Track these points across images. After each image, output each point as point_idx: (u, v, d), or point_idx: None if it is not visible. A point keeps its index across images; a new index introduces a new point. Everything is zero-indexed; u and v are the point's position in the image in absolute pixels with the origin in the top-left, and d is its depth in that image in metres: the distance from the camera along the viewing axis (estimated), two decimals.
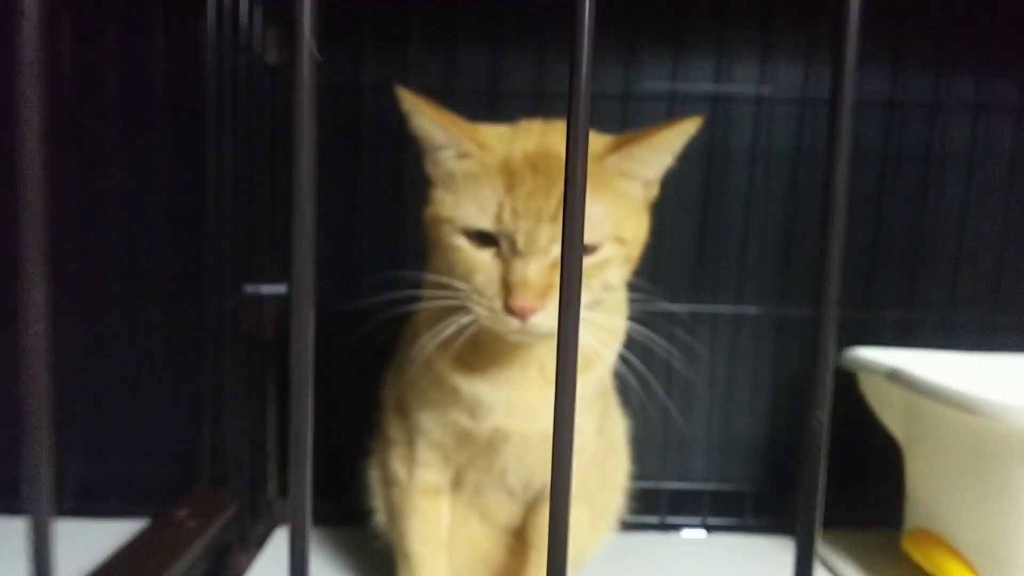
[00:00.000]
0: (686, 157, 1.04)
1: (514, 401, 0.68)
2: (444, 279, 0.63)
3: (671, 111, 1.06)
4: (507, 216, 0.59)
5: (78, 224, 1.00)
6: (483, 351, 0.68)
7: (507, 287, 0.59)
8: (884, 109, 1.07)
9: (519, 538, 0.79)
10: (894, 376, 0.89)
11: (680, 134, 0.63)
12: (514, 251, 0.60)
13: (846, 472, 1.05)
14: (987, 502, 0.79)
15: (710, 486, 1.10)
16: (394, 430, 0.77)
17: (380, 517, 0.83)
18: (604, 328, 0.68)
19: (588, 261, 0.61)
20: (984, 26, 1.05)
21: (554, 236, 0.58)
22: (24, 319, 0.34)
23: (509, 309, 0.59)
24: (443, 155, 0.65)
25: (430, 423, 0.72)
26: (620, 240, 0.63)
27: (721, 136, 1.07)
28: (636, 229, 0.65)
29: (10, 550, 0.85)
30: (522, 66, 1.06)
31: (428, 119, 0.64)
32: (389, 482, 0.79)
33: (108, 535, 0.92)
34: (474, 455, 0.73)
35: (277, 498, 1.05)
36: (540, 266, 0.59)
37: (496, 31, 1.05)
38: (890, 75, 1.07)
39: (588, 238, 0.59)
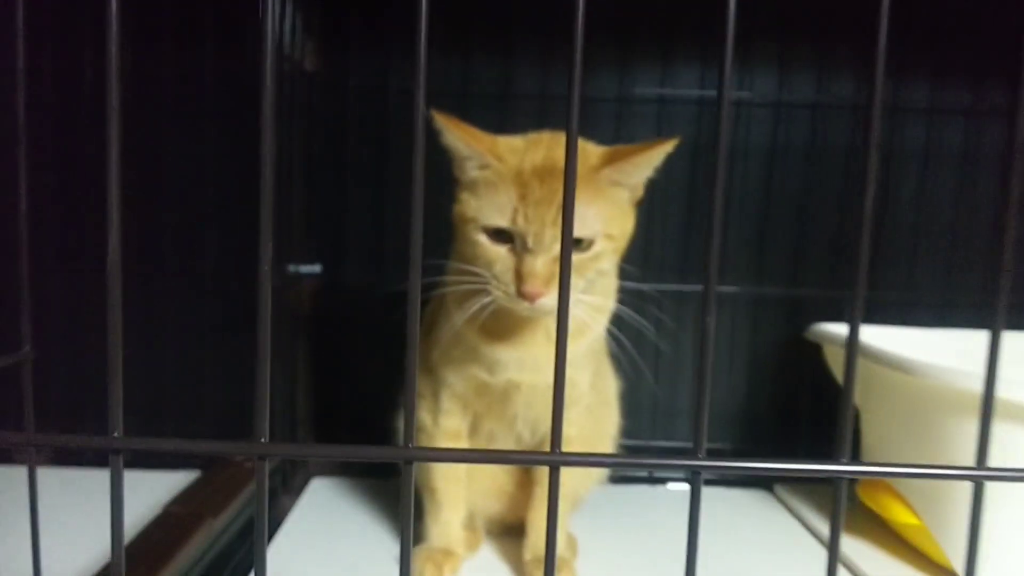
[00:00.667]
0: (675, 155, 1.18)
1: (524, 358, 0.83)
2: (468, 267, 0.78)
3: (661, 113, 1.20)
4: (520, 220, 0.74)
5: (141, 213, 1.14)
6: (500, 320, 0.82)
7: (519, 276, 0.74)
8: (850, 112, 1.21)
9: (526, 475, 0.94)
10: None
11: (660, 152, 0.76)
12: (525, 248, 0.74)
13: (813, 432, 1.20)
14: (924, 450, 0.93)
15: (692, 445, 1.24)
16: (420, 385, 0.91)
17: None
18: (591, 305, 0.82)
19: (584, 255, 0.76)
20: (939, 35, 1.19)
21: (555, 236, 0.73)
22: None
23: (521, 294, 0.73)
24: (468, 164, 0.79)
25: (454, 378, 0.87)
26: (610, 236, 0.77)
27: (705, 136, 1.21)
28: (623, 226, 0.79)
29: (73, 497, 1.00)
30: (530, 72, 1.20)
31: (455, 136, 0.77)
32: (417, 429, 0.93)
33: (167, 482, 1.07)
34: (490, 404, 0.88)
35: None
36: (545, 260, 0.73)
37: (505, 42, 1.19)
38: (855, 81, 1.21)
39: (583, 235, 0.75)
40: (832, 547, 0.37)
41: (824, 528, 1.04)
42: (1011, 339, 1.03)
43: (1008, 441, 0.80)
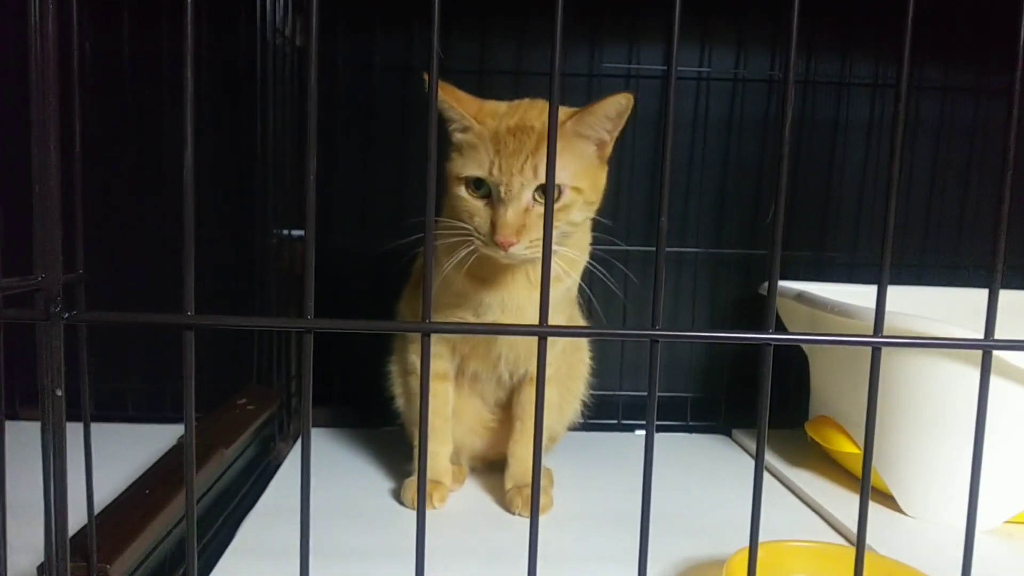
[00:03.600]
0: (640, 127, 1.28)
1: (507, 300, 0.91)
2: (454, 221, 0.87)
3: (627, 86, 1.30)
4: (495, 171, 0.83)
5: (140, 180, 1.21)
6: (484, 267, 0.90)
7: (494, 227, 0.82)
8: (800, 87, 1.31)
9: (506, 412, 1.03)
10: (799, 297, 1.13)
11: (614, 104, 0.84)
12: (499, 199, 0.83)
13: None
14: (860, 386, 1.03)
15: (659, 395, 1.34)
16: (412, 334, 1.00)
17: (399, 402, 1.06)
18: (565, 257, 0.91)
19: (553, 206, 0.83)
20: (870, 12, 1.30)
21: (523, 184, 0.82)
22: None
23: (496, 242, 0.82)
24: (455, 126, 0.88)
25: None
26: (577, 189, 0.85)
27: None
28: (592, 180, 0.87)
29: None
30: (504, 49, 1.28)
31: (443, 99, 0.86)
32: (407, 372, 1.02)
33: (169, 433, 1.15)
34: (475, 346, 0.97)
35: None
36: (516, 210, 0.82)
37: (483, 21, 1.28)
38: (805, 58, 1.31)
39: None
40: (761, 410, 0.46)
41: (778, 466, 1.15)
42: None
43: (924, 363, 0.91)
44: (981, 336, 0.51)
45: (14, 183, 0.58)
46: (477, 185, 0.85)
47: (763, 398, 0.47)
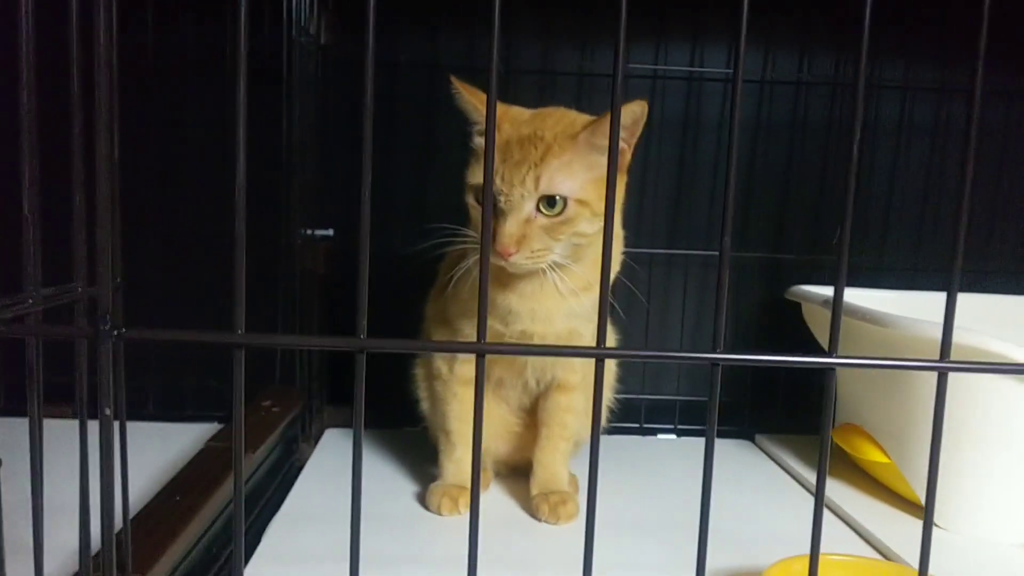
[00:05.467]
0: (666, 128, 1.27)
1: (536, 310, 0.90)
2: (469, 230, 0.87)
3: (653, 87, 1.29)
4: (498, 180, 0.82)
5: (162, 180, 1.21)
6: (512, 275, 0.89)
7: (495, 236, 0.81)
8: (829, 89, 1.30)
9: (531, 417, 1.02)
10: (828, 303, 1.12)
11: (628, 112, 0.82)
12: (500, 209, 0.82)
13: (790, 383, 1.29)
14: (892, 396, 1.02)
15: (680, 398, 1.34)
16: (438, 335, 0.99)
17: (424, 405, 1.05)
18: (597, 263, 0.89)
19: (555, 219, 0.82)
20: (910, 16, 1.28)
21: (524, 196, 0.81)
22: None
23: (496, 251, 0.81)
24: (477, 129, 0.87)
25: (469, 328, 0.94)
26: (582, 202, 0.83)
27: (694, 111, 1.29)
28: (601, 192, 0.84)
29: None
30: (529, 48, 1.27)
31: (466, 101, 0.85)
32: (432, 376, 1.01)
33: (193, 432, 1.15)
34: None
35: (326, 405, 1.26)
36: (516, 221, 0.81)
37: (510, 19, 1.26)
38: (835, 59, 1.30)
39: (551, 191, 0.81)
40: (823, 434, 0.45)
41: (803, 472, 1.14)
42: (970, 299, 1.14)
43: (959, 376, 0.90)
44: None
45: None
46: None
47: (825, 424, 0.46)
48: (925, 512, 0.47)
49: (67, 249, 0.53)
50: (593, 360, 0.99)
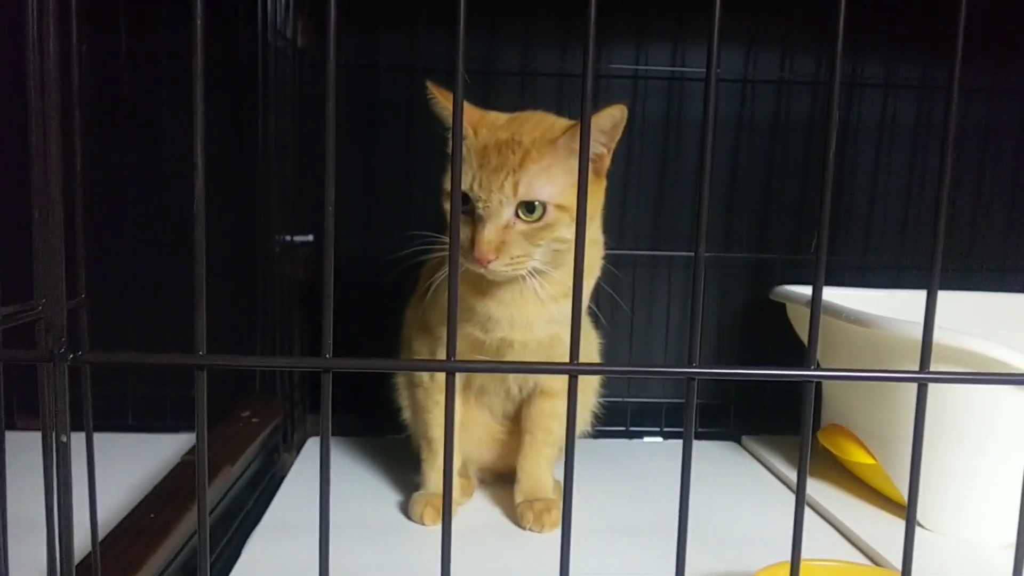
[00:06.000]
0: (647, 129, 1.26)
1: (516, 317, 0.89)
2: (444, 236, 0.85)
3: (635, 88, 1.27)
4: (475, 186, 0.80)
5: (141, 187, 1.19)
6: (492, 282, 0.88)
7: (474, 243, 0.80)
8: (811, 88, 1.29)
9: (515, 424, 1.01)
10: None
11: (607, 117, 0.81)
12: (478, 216, 0.81)
13: (779, 389, 1.29)
14: (876, 398, 1.02)
15: (666, 401, 1.33)
16: (418, 343, 0.98)
17: (406, 414, 1.04)
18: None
19: (535, 224, 0.81)
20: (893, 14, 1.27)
21: (502, 202, 0.79)
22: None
23: (475, 258, 0.80)
24: (449, 135, 0.85)
25: None
26: (562, 207, 0.82)
27: (676, 111, 1.28)
28: None
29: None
30: (510, 49, 1.26)
31: (442, 106, 0.84)
32: (413, 384, 0.99)
33: (173, 443, 1.13)
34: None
35: (308, 413, 1.25)
36: (494, 227, 0.80)
37: (490, 20, 1.25)
38: (816, 58, 1.29)
39: (530, 198, 0.80)
40: (803, 444, 0.44)
41: (789, 474, 1.13)
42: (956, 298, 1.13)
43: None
44: None
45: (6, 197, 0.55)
46: (464, 199, 0.82)
47: (804, 436, 0.45)
48: (907, 519, 0.46)
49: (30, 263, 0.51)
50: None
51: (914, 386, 0.94)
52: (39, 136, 0.49)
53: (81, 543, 0.56)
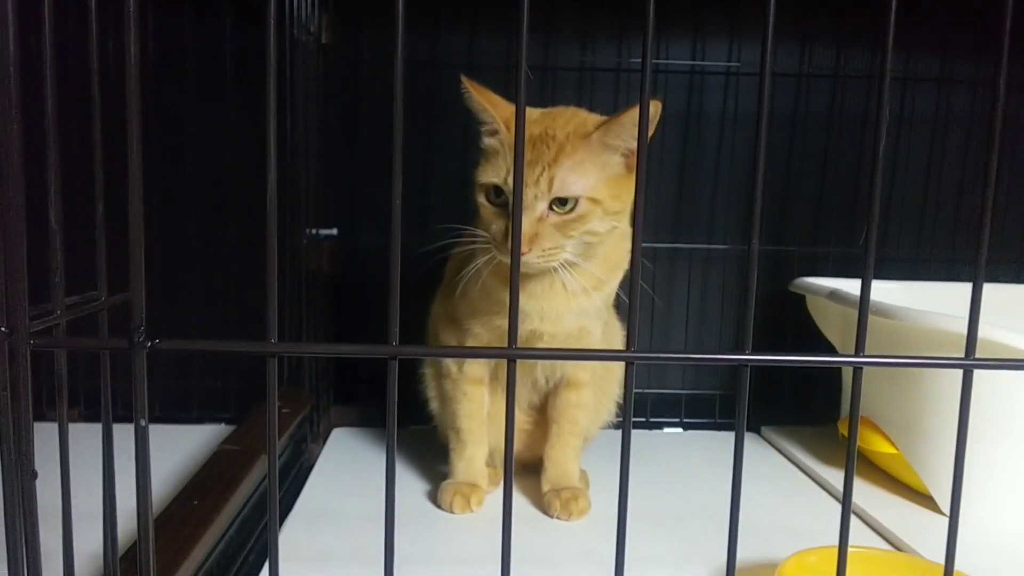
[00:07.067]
0: (669, 122, 1.27)
1: (546, 309, 0.90)
2: (477, 230, 0.87)
3: (655, 81, 1.29)
4: (510, 179, 0.81)
5: (167, 182, 1.20)
6: (522, 275, 0.89)
7: (506, 235, 0.81)
8: (830, 81, 1.30)
9: (541, 414, 1.03)
10: (833, 295, 1.13)
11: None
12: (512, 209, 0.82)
13: (796, 374, 1.30)
14: (900, 388, 1.03)
15: (686, 392, 1.34)
16: (446, 335, 0.99)
17: (433, 404, 1.05)
18: (607, 264, 0.90)
19: (567, 216, 0.83)
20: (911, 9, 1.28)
21: (537, 196, 0.81)
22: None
23: (508, 250, 0.80)
24: (486, 129, 0.87)
25: (479, 328, 0.94)
26: (594, 200, 0.83)
27: (696, 104, 1.29)
28: (614, 190, 0.84)
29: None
30: (531, 44, 1.27)
31: (476, 100, 0.85)
32: (442, 376, 1.01)
33: (200, 434, 1.15)
34: None
35: (334, 404, 1.26)
36: (528, 220, 0.81)
37: (511, 16, 1.26)
38: (836, 52, 1.30)
39: (565, 195, 0.81)
40: (851, 434, 0.46)
41: (810, 464, 1.14)
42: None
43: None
44: None
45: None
46: (496, 193, 0.84)
47: (853, 427, 0.46)
48: (951, 513, 0.47)
49: (83, 254, 0.52)
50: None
51: (936, 378, 0.96)
52: (100, 133, 0.51)
53: (129, 531, 0.57)
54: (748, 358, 0.44)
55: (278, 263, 1.14)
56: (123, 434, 0.57)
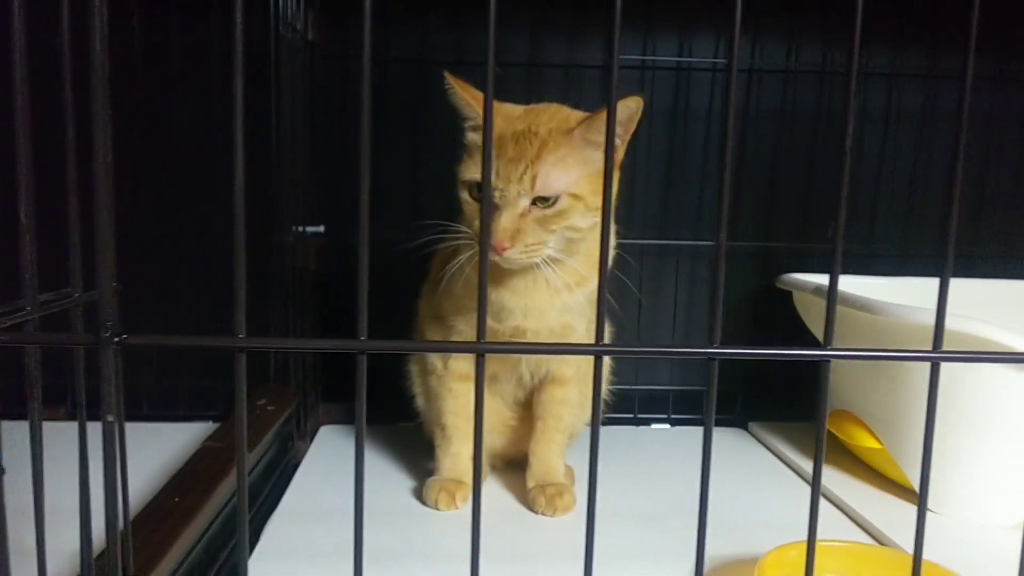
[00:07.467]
0: (656, 119, 1.27)
1: (529, 306, 0.91)
2: (460, 226, 0.87)
3: (642, 78, 1.29)
4: (493, 176, 0.82)
5: (154, 178, 1.20)
6: (504, 271, 0.89)
7: (490, 231, 0.81)
8: (817, 77, 1.30)
9: (526, 411, 1.03)
10: (818, 291, 1.13)
11: (623, 108, 0.82)
12: (494, 205, 0.82)
13: (783, 370, 1.30)
14: (883, 383, 1.03)
15: (674, 388, 1.34)
16: (431, 332, 0.99)
17: (419, 401, 1.06)
18: (590, 260, 0.90)
19: (548, 211, 0.83)
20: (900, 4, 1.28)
21: (520, 193, 0.81)
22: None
23: (491, 246, 0.81)
24: (469, 124, 0.87)
25: (463, 324, 0.95)
26: (575, 196, 0.83)
27: (683, 101, 1.29)
28: (595, 186, 0.85)
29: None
30: (518, 41, 1.27)
31: (459, 96, 0.86)
32: (427, 372, 1.01)
33: (188, 431, 1.15)
34: None
35: (320, 402, 1.26)
36: (511, 216, 0.82)
37: (499, 12, 1.26)
38: (822, 49, 1.30)
39: (547, 192, 0.82)
40: (819, 424, 0.46)
41: (797, 460, 1.15)
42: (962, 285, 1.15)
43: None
44: None
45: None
46: (479, 188, 0.84)
47: (820, 414, 0.46)
48: (920, 501, 0.47)
49: (58, 251, 0.52)
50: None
51: (919, 372, 0.96)
52: (73, 127, 0.50)
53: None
54: (714, 351, 0.44)
55: (264, 261, 1.15)
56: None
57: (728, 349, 0.45)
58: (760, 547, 0.76)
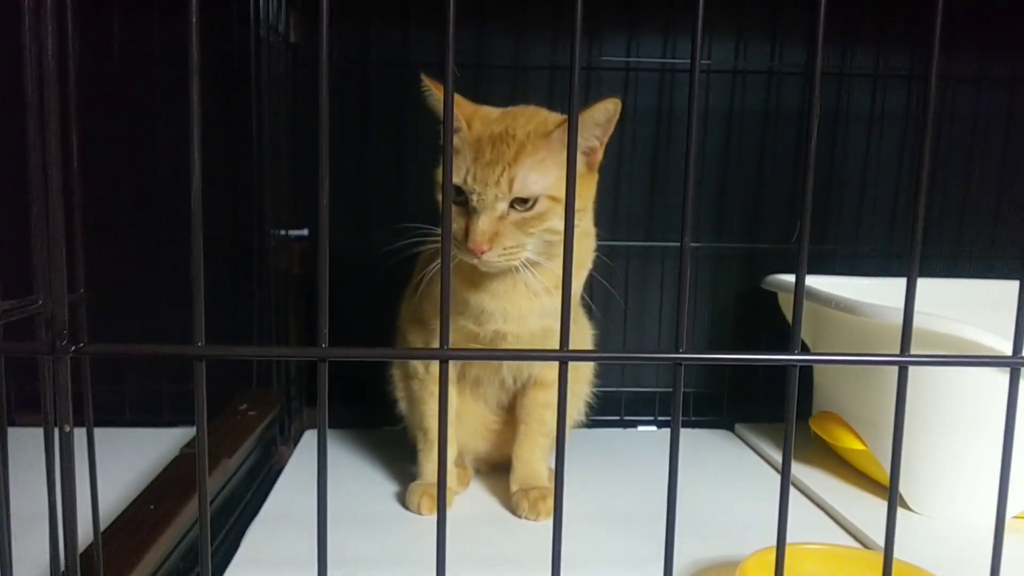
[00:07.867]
0: (640, 120, 1.27)
1: (509, 309, 0.90)
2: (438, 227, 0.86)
3: (626, 80, 1.28)
4: (470, 179, 0.81)
5: (135, 183, 1.19)
6: (484, 275, 0.89)
7: (467, 234, 0.81)
8: (801, 77, 1.30)
9: (509, 414, 1.03)
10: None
11: (602, 110, 0.82)
12: (473, 208, 0.82)
13: (769, 372, 1.30)
14: (866, 385, 1.03)
15: (660, 391, 1.34)
16: (413, 335, 0.99)
17: (402, 405, 1.05)
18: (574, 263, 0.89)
19: (526, 214, 0.83)
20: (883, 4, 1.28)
21: (498, 196, 0.81)
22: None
23: (469, 249, 0.81)
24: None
25: None
26: (554, 198, 0.83)
27: (667, 102, 1.29)
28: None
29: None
30: (501, 43, 1.27)
31: (436, 100, 0.85)
32: (409, 376, 1.00)
33: (169, 437, 1.14)
34: None
35: (305, 406, 1.26)
36: (488, 219, 0.81)
37: (481, 14, 1.26)
38: (806, 49, 1.30)
39: (525, 195, 0.81)
40: (787, 427, 0.46)
41: (781, 460, 1.14)
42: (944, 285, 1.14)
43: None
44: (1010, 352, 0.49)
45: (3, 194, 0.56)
46: (457, 192, 0.83)
47: (788, 418, 0.46)
48: (889, 499, 0.47)
49: (27, 259, 0.52)
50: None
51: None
52: (37, 132, 0.50)
53: (83, 535, 0.57)
54: (681, 356, 0.44)
55: (247, 264, 1.14)
56: (101, 439, 0.58)
57: (694, 354, 0.44)
58: (744, 548, 0.75)
